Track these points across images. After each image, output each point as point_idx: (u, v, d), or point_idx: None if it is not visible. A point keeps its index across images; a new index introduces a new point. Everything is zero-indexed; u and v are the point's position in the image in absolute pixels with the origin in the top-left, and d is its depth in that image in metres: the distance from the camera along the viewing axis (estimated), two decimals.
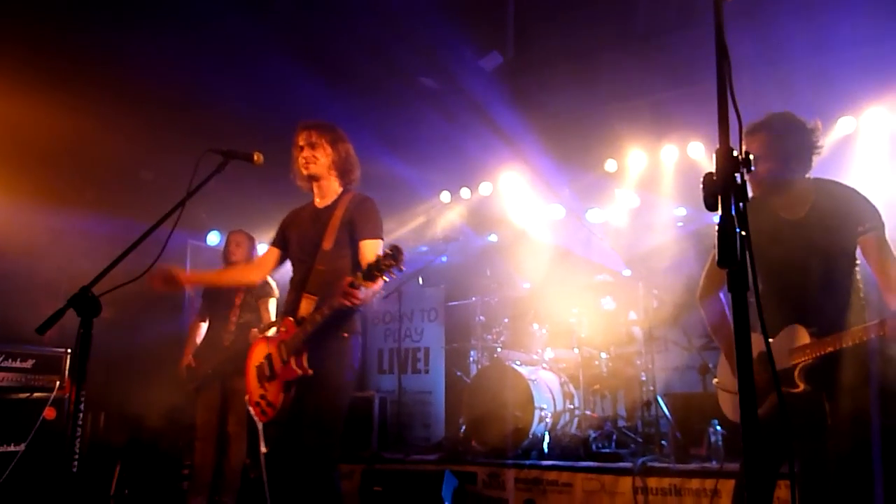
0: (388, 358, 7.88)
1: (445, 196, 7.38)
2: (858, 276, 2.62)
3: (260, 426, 3.10)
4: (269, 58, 5.16)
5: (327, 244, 3.08)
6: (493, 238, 7.73)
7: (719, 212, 1.26)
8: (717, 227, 1.24)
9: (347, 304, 2.76)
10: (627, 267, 6.43)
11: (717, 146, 1.38)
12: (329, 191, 3.26)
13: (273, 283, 5.05)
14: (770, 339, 1.55)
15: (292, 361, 2.97)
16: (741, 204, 1.24)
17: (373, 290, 2.88)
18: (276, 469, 3.08)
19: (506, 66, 5.73)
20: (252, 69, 5.44)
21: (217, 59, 5.28)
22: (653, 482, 4.38)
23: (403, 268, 2.65)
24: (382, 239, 3.12)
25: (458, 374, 6.68)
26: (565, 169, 6.90)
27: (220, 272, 4.48)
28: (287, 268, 3.36)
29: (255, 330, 4.52)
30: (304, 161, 3.20)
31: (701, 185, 1.31)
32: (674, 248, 6.30)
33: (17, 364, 4.94)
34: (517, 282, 6.78)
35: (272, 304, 5.02)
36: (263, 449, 3.13)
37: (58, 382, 4.99)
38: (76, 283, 2.38)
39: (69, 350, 5.01)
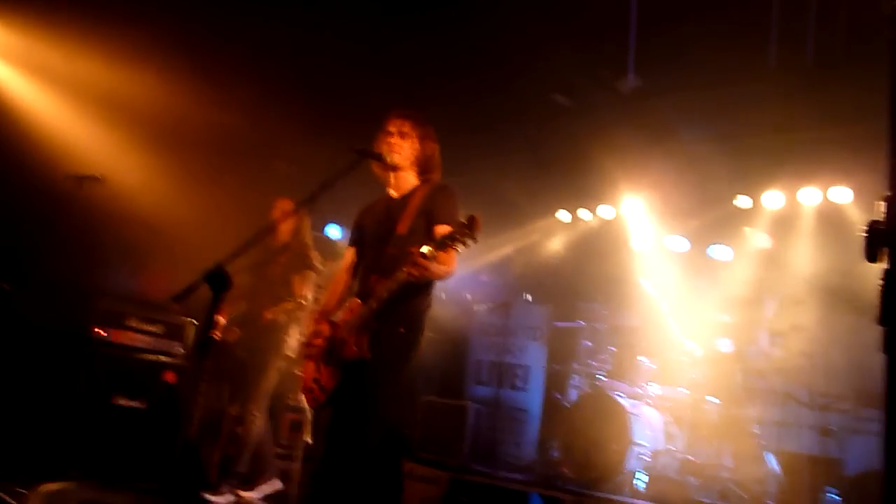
0: (486, 370, 7.86)
1: (564, 215, 7.29)
2: None
3: (309, 415, 3.03)
4: (410, 63, 5.32)
5: (402, 229, 2.98)
6: (608, 264, 7.53)
7: (884, 265, 1.15)
8: (880, 282, 1.14)
9: (416, 273, 2.63)
10: (751, 311, 6.06)
11: (879, 193, 1.27)
12: (406, 183, 3.16)
13: (317, 256, 4.85)
14: None
15: (352, 341, 2.86)
16: None
17: (444, 268, 2.79)
18: (327, 459, 2.92)
19: (639, 92, 5.60)
20: (393, 71, 5.62)
21: (356, 58, 5.50)
22: None
23: (477, 239, 2.51)
24: None
25: (557, 396, 6.56)
26: (692, 200, 6.64)
27: (330, 294, 3.60)
28: None
29: (268, 311, 4.43)
30: (388, 147, 3.10)
31: (864, 234, 1.21)
32: (804, 297, 5.89)
33: (148, 327, 5.36)
34: (629, 311, 6.56)
35: (309, 279, 4.74)
36: (308, 439, 3.02)
37: (181, 349, 5.37)
38: (211, 259, 2.54)
39: (194, 320, 5.37)
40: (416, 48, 5.41)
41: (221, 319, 4.72)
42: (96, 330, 5.12)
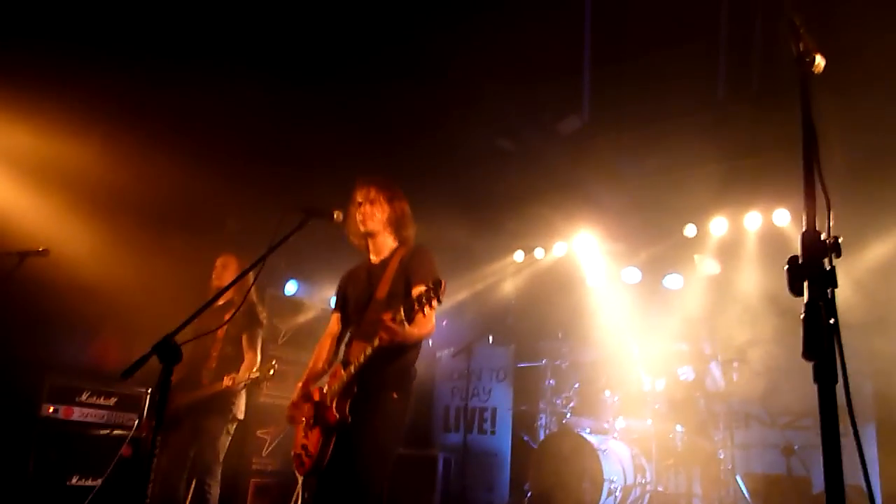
0: (454, 416, 7.80)
1: (519, 255, 7.37)
2: None
3: (300, 480, 2.98)
4: (356, 117, 5.39)
5: (380, 294, 3.06)
6: (564, 300, 7.61)
7: (804, 298, 1.21)
8: (801, 316, 1.19)
9: (386, 338, 2.69)
10: (706, 336, 6.18)
11: (804, 228, 1.33)
12: (384, 247, 3.24)
13: (262, 312, 4.64)
14: None
15: (334, 405, 2.89)
16: (829, 291, 1.19)
17: (418, 330, 2.83)
18: None
19: (583, 130, 5.76)
20: (338, 125, 5.68)
21: (302, 118, 5.55)
22: None
23: (442, 300, 2.58)
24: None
25: (525, 438, 6.53)
26: (642, 232, 6.80)
27: (315, 360, 3.44)
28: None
29: (228, 377, 4.20)
30: (361, 217, 3.19)
31: (786, 269, 1.26)
32: (755, 318, 6.05)
33: (102, 401, 5.18)
34: (590, 346, 6.63)
35: (257, 337, 4.53)
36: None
37: (136, 421, 5.20)
38: (162, 325, 2.50)
39: (149, 390, 5.21)
40: (362, 102, 5.49)
41: None
42: (46, 407, 4.92)
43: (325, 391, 3.01)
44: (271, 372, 4.32)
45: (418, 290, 2.79)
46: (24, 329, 4.98)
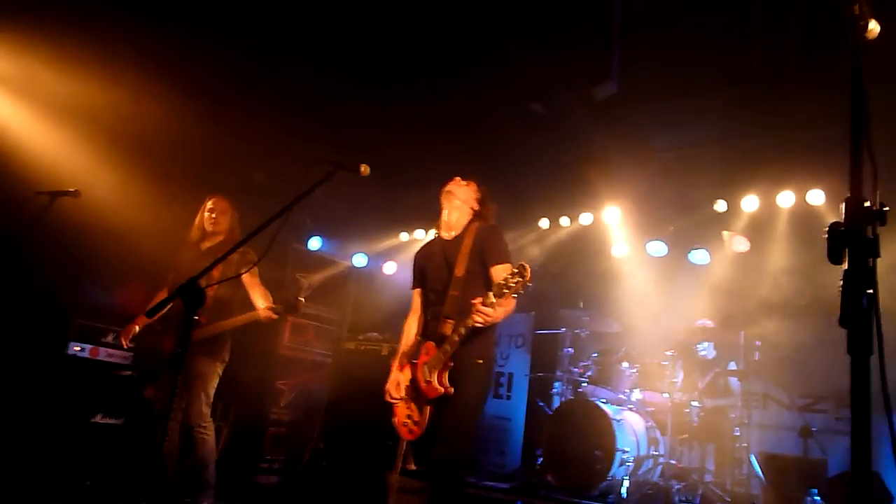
0: None
1: (544, 223, 7.30)
2: None
3: (404, 444, 3.37)
4: (386, 76, 5.34)
5: (459, 271, 3.31)
6: (588, 270, 7.55)
7: (844, 266, 1.16)
8: (840, 283, 1.14)
9: (480, 321, 2.98)
10: (729, 314, 6.10)
11: (847, 195, 1.28)
12: (457, 223, 3.50)
13: (251, 253, 4.27)
14: None
15: (435, 380, 3.20)
16: (871, 260, 1.14)
17: (504, 309, 3.10)
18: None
19: (615, 99, 5.62)
20: (369, 85, 5.63)
21: (334, 74, 5.50)
22: None
23: (530, 284, 2.84)
24: (511, 263, 3.24)
25: (541, 404, 6.55)
26: (671, 205, 6.68)
27: (405, 339, 3.59)
28: None
29: (261, 309, 4.16)
30: (453, 184, 3.54)
31: (826, 235, 1.22)
32: (781, 298, 5.95)
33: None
34: (610, 317, 6.58)
35: (256, 274, 4.38)
36: (412, 466, 3.34)
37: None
38: (185, 273, 2.52)
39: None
40: (391, 62, 5.41)
41: (137, 327, 4.46)
42: (73, 346, 5.04)
43: (420, 366, 3.30)
44: (302, 299, 4.29)
45: (503, 274, 3.01)
46: (53, 268, 5.08)
